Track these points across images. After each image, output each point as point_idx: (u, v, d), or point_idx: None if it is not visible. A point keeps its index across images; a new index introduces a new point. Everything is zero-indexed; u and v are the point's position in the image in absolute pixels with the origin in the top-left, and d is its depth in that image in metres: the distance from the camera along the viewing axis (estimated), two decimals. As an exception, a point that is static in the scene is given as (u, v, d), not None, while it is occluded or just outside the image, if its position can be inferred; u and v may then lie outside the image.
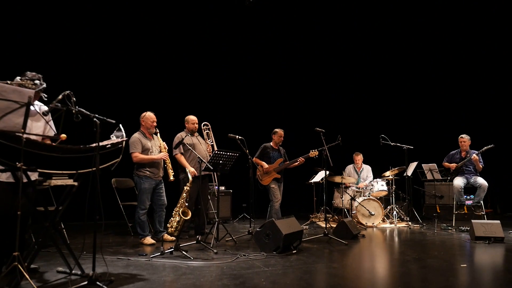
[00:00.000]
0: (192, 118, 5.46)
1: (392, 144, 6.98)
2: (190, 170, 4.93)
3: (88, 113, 2.84)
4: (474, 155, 6.41)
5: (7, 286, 2.63)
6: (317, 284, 3.12)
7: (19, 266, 2.47)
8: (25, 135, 2.58)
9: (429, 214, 7.75)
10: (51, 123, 3.39)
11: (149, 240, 4.81)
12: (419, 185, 7.96)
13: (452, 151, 6.93)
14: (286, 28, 9.08)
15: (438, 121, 8.93)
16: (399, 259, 4.09)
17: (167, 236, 5.04)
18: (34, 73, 3.22)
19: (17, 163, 2.52)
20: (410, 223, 6.72)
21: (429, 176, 7.05)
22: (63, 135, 3.37)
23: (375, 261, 4.10)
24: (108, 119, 2.85)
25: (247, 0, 8.30)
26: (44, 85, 2.96)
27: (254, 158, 5.80)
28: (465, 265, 3.78)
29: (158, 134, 4.96)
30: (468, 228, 5.86)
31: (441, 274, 3.40)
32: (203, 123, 5.96)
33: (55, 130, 3.36)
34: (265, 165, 6.06)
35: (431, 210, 7.65)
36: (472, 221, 5.25)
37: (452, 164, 6.72)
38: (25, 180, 2.92)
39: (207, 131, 5.91)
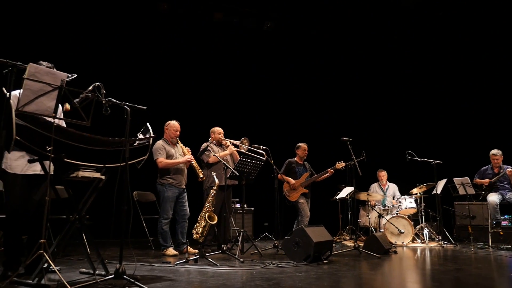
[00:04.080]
0: (218, 129, 5.41)
1: (419, 160, 6.71)
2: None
3: (118, 102, 2.78)
4: (509, 169, 6.10)
5: (31, 280, 2.48)
6: (359, 287, 2.87)
7: (45, 254, 2.33)
8: (56, 120, 2.53)
9: (460, 235, 7.27)
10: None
11: (171, 251, 4.61)
12: (449, 205, 7.55)
13: (483, 167, 6.61)
14: (310, 42, 9.07)
15: (468, 134, 8.49)
16: (440, 269, 3.78)
17: (190, 249, 4.83)
18: (47, 63, 3.17)
19: (47, 147, 2.45)
20: (442, 242, 6.33)
21: (461, 191, 6.66)
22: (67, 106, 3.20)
23: (415, 270, 3.80)
24: (139, 106, 2.77)
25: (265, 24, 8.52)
26: (75, 76, 2.93)
27: (279, 175, 5.67)
28: (516, 273, 3.48)
29: (179, 142, 4.90)
30: (509, 246, 5.49)
31: (492, 280, 3.11)
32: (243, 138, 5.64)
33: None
34: (292, 180, 5.90)
35: (463, 232, 7.17)
36: (514, 235, 4.91)
37: (485, 180, 6.39)
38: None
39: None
